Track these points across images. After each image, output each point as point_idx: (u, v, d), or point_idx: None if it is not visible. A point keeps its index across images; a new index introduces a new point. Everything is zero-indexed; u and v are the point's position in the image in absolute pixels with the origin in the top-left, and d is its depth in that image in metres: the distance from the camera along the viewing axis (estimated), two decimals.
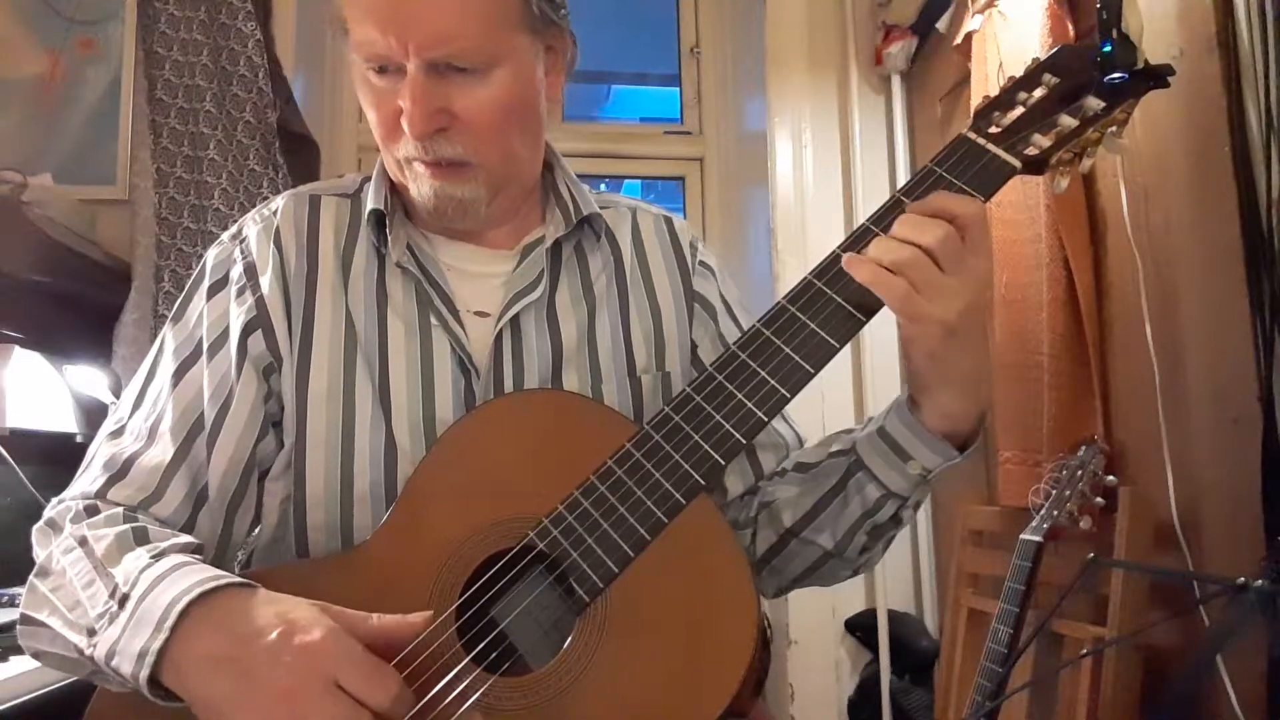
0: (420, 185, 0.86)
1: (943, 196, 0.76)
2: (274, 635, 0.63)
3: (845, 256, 0.75)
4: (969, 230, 0.73)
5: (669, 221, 1.02)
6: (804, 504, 0.87)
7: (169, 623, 0.64)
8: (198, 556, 0.73)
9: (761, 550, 0.91)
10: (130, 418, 0.85)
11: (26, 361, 1.72)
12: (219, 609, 0.66)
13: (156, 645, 0.64)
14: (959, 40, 1.92)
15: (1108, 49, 0.80)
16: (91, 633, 0.69)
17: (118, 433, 0.84)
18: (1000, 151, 0.79)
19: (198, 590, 0.66)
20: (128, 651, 0.65)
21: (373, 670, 0.62)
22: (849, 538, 0.86)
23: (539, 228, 0.95)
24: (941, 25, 2.11)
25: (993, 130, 0.81)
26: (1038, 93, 0.83)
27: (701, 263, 1.01)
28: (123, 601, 0.68)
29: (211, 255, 0.91)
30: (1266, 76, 1.19)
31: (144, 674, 0.64)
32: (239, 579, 0.68)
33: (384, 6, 0.79)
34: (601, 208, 0.98)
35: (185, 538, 0.76)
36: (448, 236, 0.92)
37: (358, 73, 0.84)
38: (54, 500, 0.82)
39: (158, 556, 0.71)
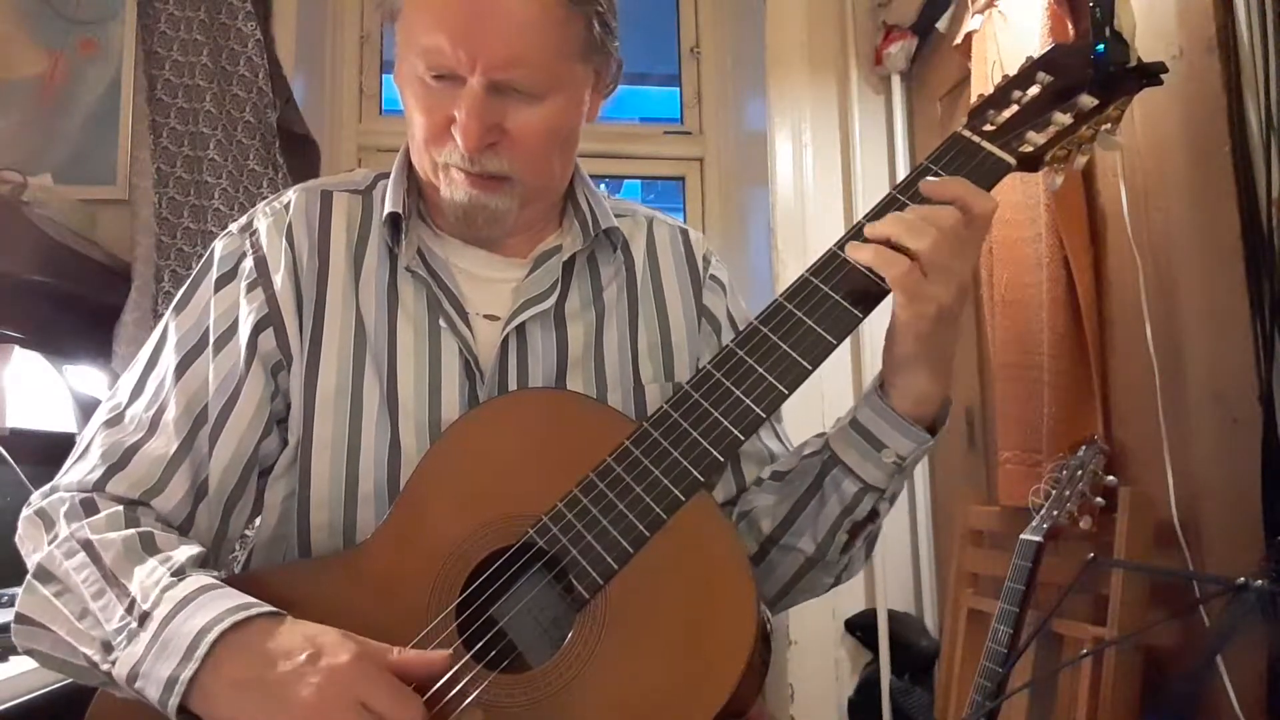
0: (455, 191, 0.86)
1: (960, 184, 0.77)
2: (302, 657, 0.64)
3: (849, 244, 0.76)
4: (975, 221, 0.75)
5: (685, 234, 1.02)
6: (781, 509, 0.87)
7: (199, 652, 0.65)
8: (215, 575, 0.73)
9: None
10: (129, 405, 0.84)
11: (26, 361, 1.72)
12: (249, 635, 0.66)
13: (187, 674, 0.64)
14: (959, 40, 1.92)
15: (1101, 48, 0.80)
16: (108, 647, 0.68)
17: (115, 420, 0.83)
18: (995, 149, 0.80)
19: (229, 620, 0.66)
20: (154, 676, 0.65)
21: (399, 695, 0.63)
22: (830, 538, 0.85)
23: (554, 236, 0.95)
24: (941, 25, 2.11)
25: (987, 128, 0.81)
26: (1032, 90, 0.83)
27: (713, 276, 1.00)
28: (143, 619, 0.68)
29: (219, 246, 0.90)
30: (1266, 76, 1.19)
31: (174, 702, 0.64)
32: (267, 608, 0.68)
33: (458, 21, 0.79)
34: (618, 216, 0.97)
35: (193, 547, 0.75)
36: (463, 240, 0.92)
37: (409, 71, 0.84)
38: (45, 488, 0.80)
39: (178, 574, 0.70)
